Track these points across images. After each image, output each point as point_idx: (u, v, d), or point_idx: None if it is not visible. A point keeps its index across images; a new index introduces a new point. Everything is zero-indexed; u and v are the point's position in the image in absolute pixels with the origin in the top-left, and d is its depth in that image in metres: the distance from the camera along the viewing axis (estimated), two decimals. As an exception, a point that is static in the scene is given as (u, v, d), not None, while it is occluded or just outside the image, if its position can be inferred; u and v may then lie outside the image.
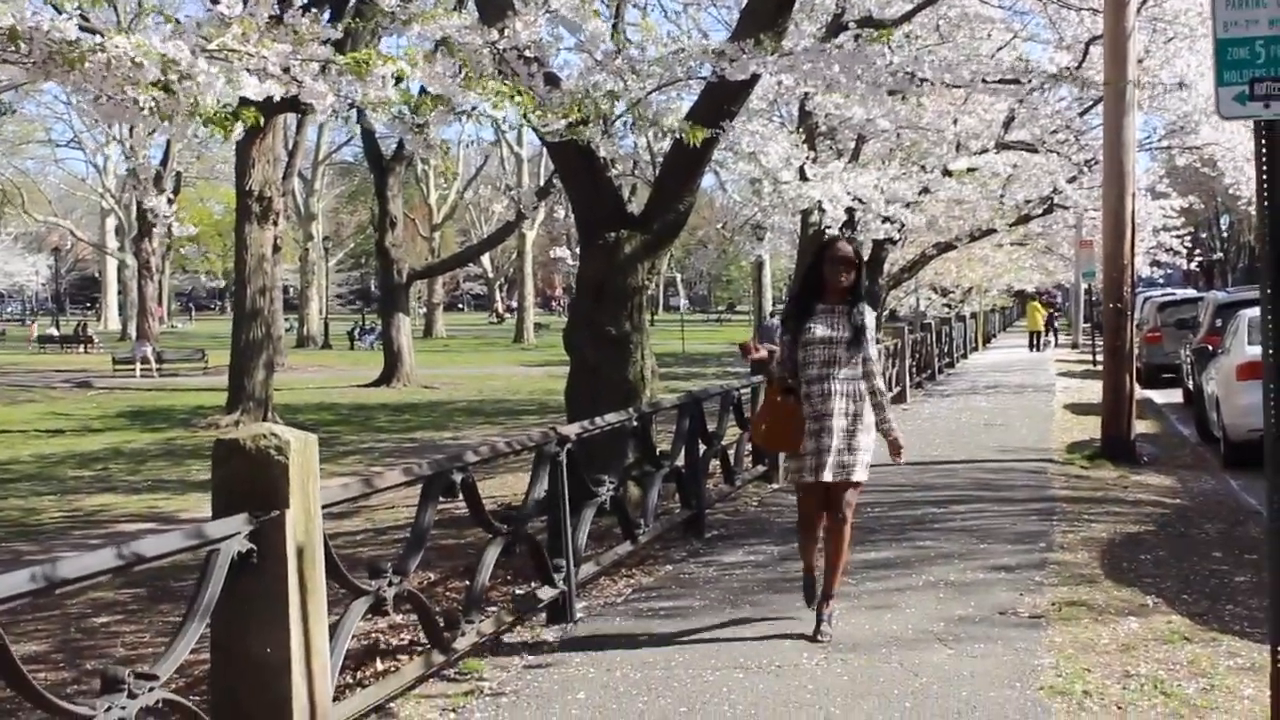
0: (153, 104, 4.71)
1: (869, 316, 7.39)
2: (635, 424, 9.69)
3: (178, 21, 5.94)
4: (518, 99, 7.02)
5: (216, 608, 4.69)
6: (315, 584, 5.06)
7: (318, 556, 5.08)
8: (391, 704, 6.13)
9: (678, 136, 10.48)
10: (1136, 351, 27.05)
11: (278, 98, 5.52)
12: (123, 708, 4.13)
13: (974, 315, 47.66)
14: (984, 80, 11.34)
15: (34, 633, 9.03)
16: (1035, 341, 45.42)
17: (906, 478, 12.67)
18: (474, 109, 7.28)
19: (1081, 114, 22.84)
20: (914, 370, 26.29)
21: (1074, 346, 46.72)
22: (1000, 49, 20.58)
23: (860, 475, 7.29)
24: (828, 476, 7.17)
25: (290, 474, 4.87)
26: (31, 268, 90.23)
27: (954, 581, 8.52)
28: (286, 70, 6.15)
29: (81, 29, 11.18)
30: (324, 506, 5.23)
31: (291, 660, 4.89)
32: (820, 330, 7.28)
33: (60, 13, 5.54)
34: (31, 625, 9.23)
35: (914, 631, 7.26)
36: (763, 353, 8.63)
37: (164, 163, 47.47)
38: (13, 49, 4.76)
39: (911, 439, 16.86)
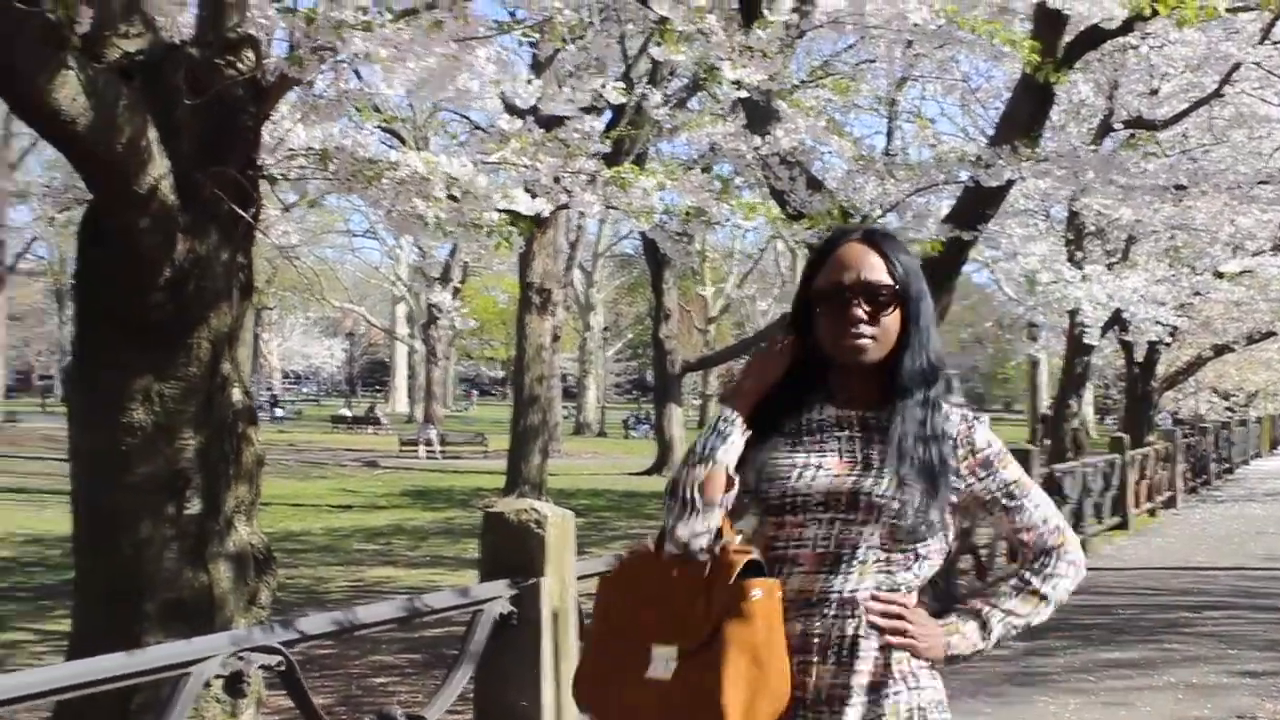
0: (436, 219, 5.38)
1: (971, 426, 2.77)
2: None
3: (476, 126, 6.65)
4: (766, 210, 7.50)
5: (479, 664, 5.26)
6: (568, 648, 5.58)
7: (571, 622, 5.60)
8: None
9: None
10: None
11: (547, 213, 6.15)
12: (395, 743, 4.71)
13: (1259, 420, 45.94)
14: (1238, 187, 11.34)
15: (321, 688, 9.82)
16: (1325, 449, 43.64)
17: (1163, 583, 12.59)
18: (727, 220, 7.80)
19: (1367, 216, 22.16)
20: (1188, 475, 25.65)
21: (1371, 456, 44.59)
22: (1278, 149, 20.27)
23: None
24: None
25: (547, 545, 5.42)
26: (327, 351, 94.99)
27: (1195, 684, 8.58)
28: (558, 180, 6.82)
29: (385, 130, 12.11)
30: (580, 577, 5.76)
31: (543, 716, 5.41)
32: (816, 470, 2.69)
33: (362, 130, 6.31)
34: (319, 681, 10.05)
35: (1146, 728, 7.41)
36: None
37: (452, 254, 49.51)
38: (322, 168, 5.51)
39: (1175, 545, 16.84)
